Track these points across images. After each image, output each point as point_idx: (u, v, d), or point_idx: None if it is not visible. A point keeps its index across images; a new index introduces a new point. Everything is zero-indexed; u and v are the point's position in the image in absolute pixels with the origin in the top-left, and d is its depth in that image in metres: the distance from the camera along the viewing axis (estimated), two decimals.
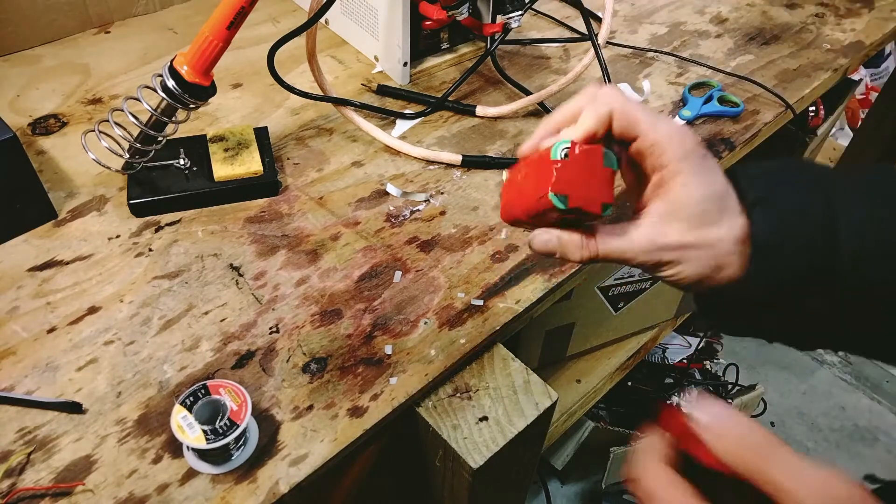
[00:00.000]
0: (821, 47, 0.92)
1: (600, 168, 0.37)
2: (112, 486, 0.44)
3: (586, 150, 0.37)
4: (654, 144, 0.37)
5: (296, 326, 0.54)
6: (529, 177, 0.38)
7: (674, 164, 0.37)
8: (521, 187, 0.39)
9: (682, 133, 0.37)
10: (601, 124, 0.38)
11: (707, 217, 0.37)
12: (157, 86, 0.58)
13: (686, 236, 0.37)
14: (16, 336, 0.52)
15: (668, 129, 0.37)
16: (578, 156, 0.37)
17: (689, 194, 0.37)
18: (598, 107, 0.38)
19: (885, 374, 1.65)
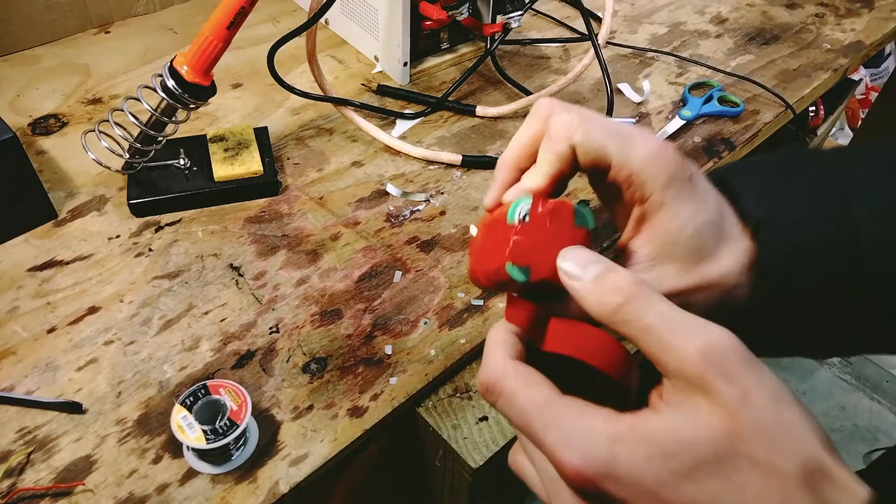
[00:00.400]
0: (821, 47, 0.92)
1: (570, 229, 0.31)
2: (112, 486, 0.44)
3: (550, 209, 0.31)
4: (631, 175, 0.31)
5: (296, 326, 0.54)
6: (488, 240, 0.33)
7: (656, 194, 0.31)
8: (483, 250, 0.33)
9: (660, 154, 0.31)
10: (563, 164, 0.32)
11: (704, 251, 0.32)
12: (157, 86, 0.58)
13: (684, 280, 0.32)
14: (16, 336, 0.52)
15: (643, 154, 0.31)
16: (540, 216, 0.31)
17: (680, 228, 0.32)
18: (554, 144, 0.32)
19: (885, 374, 1.65)
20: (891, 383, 1.64)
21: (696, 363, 0.25)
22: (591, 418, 0.26)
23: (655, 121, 0.78)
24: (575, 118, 0.32)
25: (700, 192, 0.32)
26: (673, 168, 0.31)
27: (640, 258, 0.33)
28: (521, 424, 0.28)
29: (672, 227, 0.32)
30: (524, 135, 0.34)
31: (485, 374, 0.30)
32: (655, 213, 0.32)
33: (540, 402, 0.28)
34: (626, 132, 0.32)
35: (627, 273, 0.28)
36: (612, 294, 0.27)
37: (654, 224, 0.32)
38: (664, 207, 0.31)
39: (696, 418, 0.25)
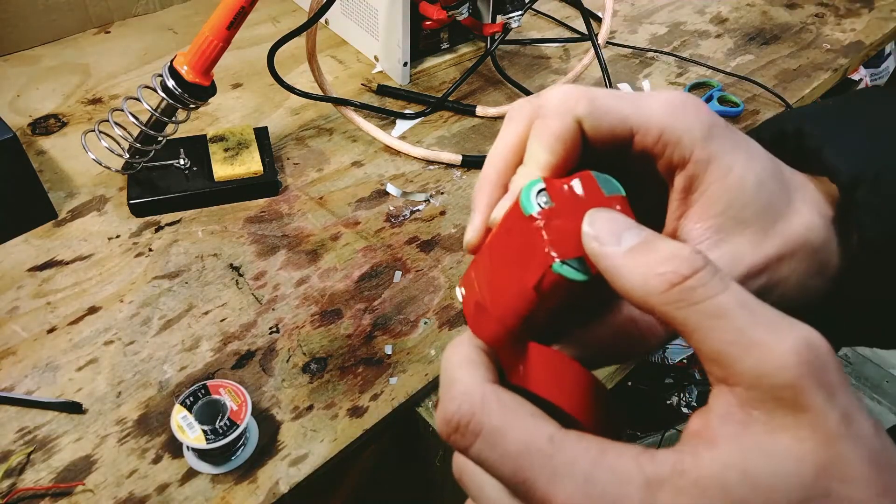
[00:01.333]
0: (821, 47, 0.92)
1: (604, 199, 0.23)
2: (112, 486, 0.44)
3: (574, 180, 0.23)
4: (662, 133, 0.24)
5: (296, 326, 0.54)
6: (499, 266, 0.24)
7: (699, 148, 0.24)
8: (492, 287, 0.24)
9: (685, 101, 0.25)
10: (566, 146, 0.25)
11: (776, 204, 0.25)
12: (157, 86, 0.58)
13: (764, 248, 0.25)
14: (16, 336, 0.52)
15: (667, 106, 0.25)
16: (566, 193, 0.23)
17: (740, 182, 0.24)
18: (551, 122, 0.25)
19: (885, 374, 1.66)
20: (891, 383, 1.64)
21: (791, 366, 0.18)
22: (619, 459, 0.19)
23: None
24: (573, 88, 0.25)
25: (744, 139, 0.26)
26: (706, 114, 0.25)
27: (699, 237, 0.25)
28: (511, 473, 0.20)
29: (730, 183, 0.25)
30: (504, 141, 0.27)
31: (453, 405, 0.21)
32: (704, 172, 0.25)
33: (541, 443, 0.20)
34: (634, 94, 0.26)
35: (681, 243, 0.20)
36: (664, 264, 0.20)
37: (706, 188, 0.25)
38: (713, 162, 0.25)
39: (775, 447, 0.18)
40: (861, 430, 0.18)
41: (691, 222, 0.25)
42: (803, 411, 0.18)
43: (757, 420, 0.19)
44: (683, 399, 1.31)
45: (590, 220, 0.21)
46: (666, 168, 0.25)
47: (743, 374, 0.18)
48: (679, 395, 1.31)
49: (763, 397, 0.18)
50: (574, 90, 0.25)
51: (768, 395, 0.18)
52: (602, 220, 0.21)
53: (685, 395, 1.31)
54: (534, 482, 0.20)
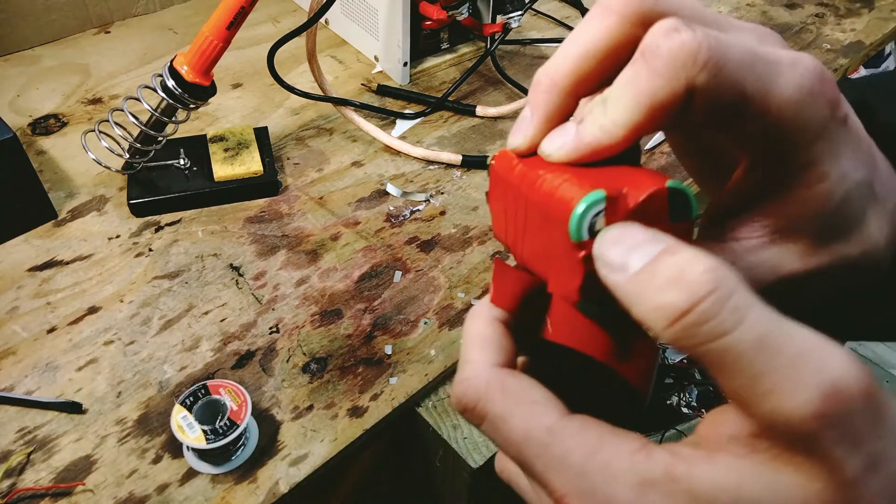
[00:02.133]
0: (821, 47, 0.92)
1: (666, 227, 0.20)
2: (112, 486, 0.44)
3: (635, 208, 0.20)
4: (775, 125, 0.21)
5: (296, 326, 0.54)
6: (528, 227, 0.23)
7: (804, 150, 0.21)
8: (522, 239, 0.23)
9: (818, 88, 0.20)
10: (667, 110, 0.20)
11: (849, 222, 0.23)
12: (157, 86, 0.58)
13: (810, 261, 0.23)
14: (16, 336, 0.52)
15: (795, 93, 0.20)
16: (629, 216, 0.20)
17: (825, 196, 0.22)
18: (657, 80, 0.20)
19: (885, 374, 1.66)
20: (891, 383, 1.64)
21: (809, 418, 0.16)
22: (613, 454, 0.19)
23: None
24: (702, 45, 0.19)
25: (853, 138, 0.22)
26: (828, 110, 0.21)
27: (752, 233, 0.23)
28: (515, 456, 0.21)
29: (815, 193, 0.22)
30: (590, 40, 0.21)
31: (461, 389, 0.22)
32: (795, 175, 0.22)
33: (540, 432, 0.20)
34: (765, 57, 0.21)
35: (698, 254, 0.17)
36: (665, 291, 0.17)
37: (787, 190, 0.22)
38: (808, 169, 0.21)
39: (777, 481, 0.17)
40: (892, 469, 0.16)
41: (753, 214, 0.23)
42: (818, 459, 0.17)
43: (765, 451, 0.17)
44: (683, 399, 1.31)
45: (599, 241, 0.19)
46: (754, 155, 0.22)
47: (757, 416, 0.17)
48: (679, 395, 1.31)
49: (776, 438, 0.17)
50: (703, 49, 0.19)
51: (782, 438, 0.17)
52: (608, 242, 0.19)
53: (685, 395, 1.31)
54: (532, 467, 0.20)
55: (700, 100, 0.20)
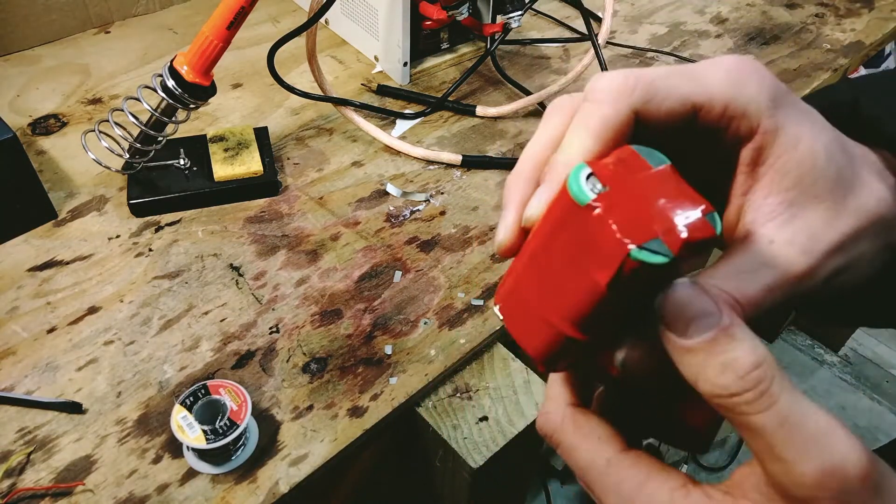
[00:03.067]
0: (821, 47, 0.92)
1: (654, 173, 0.21)
2: (112, 486, 0.44)
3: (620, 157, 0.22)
4: (727, 105, 0.23)
5: (296, 326, 0.54)
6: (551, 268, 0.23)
7: (767, 117, 0.23)
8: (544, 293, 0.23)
9: (750, 70, 0.24)
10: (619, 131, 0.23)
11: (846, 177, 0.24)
12: (157, 86, 0.58)
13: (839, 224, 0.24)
14: (16, 336, 0.52)
15: (731, 75, 0.23)
16: (615, 175, 0.21)
17: (811, 153, 0.23)
18: (604, 108, 0.23)
19: (885, 374, 1.66)
20: (891, 383, 1.64)
21: (811, 486, 0.19)
22: (657, 488, 0.23)
23: None
24: (627, 74, 0.23)
25: (808, 109, 0.25)
26: (769, 81, 0.24)
27: (770, 213, 0.24)
28: (580, 478, 0.26)
29: (800, 154, 0.23)
30: (544, 136, 0.25)
31: (542, 420, 0.27)
32: (772, 143, 0.24)
33: (600, 464, 0.24)
34: (689, 67, 0.24)
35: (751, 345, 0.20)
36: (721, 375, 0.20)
37: (774, 160, 0.24)
38: (781, 132, 0.23)
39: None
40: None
41: (761, 197, 0.24)
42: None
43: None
44: None
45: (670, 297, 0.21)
46: (732, 141, 0.24)
47: (771, 475, 0.21)
48: None
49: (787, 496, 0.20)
50: (627, 77, 0.23)
51: (791, 498, 0.20)
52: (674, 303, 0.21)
53: None
54: (592, 490, 0.25)
55: (647, 113, 0.23)
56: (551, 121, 0.26)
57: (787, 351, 1.70)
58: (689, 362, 0.21)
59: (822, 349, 1.70)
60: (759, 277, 0.23)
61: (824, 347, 1.71)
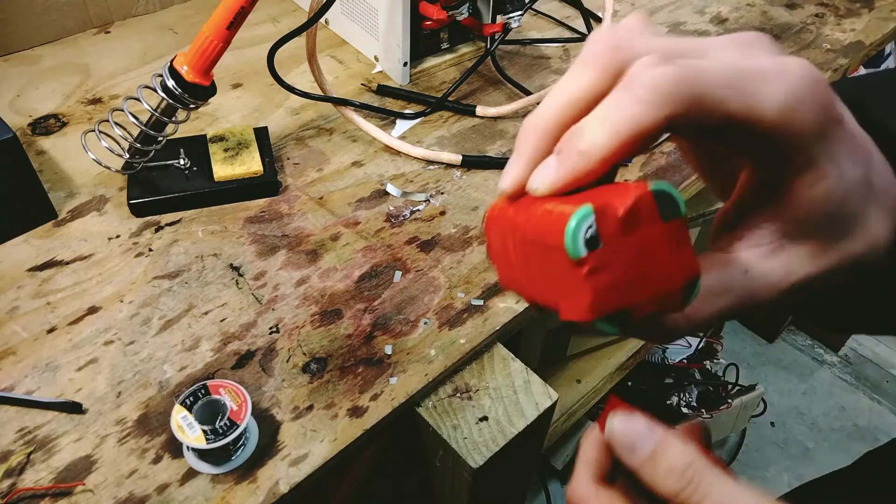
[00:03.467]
0: (821, 47, 0.92)
1: (661, 230, 0.21)
2: (112, 486, 0.44)
3: (626, 214, 0.20)
4: (769, 132, 0.21)
5: (296, 326, 0.54)
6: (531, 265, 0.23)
7: (803, 153, 0.22)
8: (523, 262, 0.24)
9: (808, 93, 0.21)
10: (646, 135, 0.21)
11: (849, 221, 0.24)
12: (157, 86, 0.58)
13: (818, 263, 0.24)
14: (16, 336, 0.52)
15: (784, 101, 0.21)
16: (617, 231, 0.20)
17: (825, 196, 0.23)
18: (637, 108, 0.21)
19: (885, 374, 1.66)
20: (891, 383, 1.64)
21: None
22: None
23: None
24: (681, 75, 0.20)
25: (850, 137, 0.23)
26: (823, 113, 0.21)
27: (760, 239, 0.24)
28: None
29: (816, 193, 0.22)
30: (575, 90, 0.23)
31: (569, 492, 0.30)
32: (794, 177, 0.22)
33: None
34: (748, 71, 0.21)
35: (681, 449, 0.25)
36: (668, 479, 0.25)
37: (788, 192, 0.23)
38: (808, 169, 0.22)
39: None
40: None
41: (759, 219, 0.24)
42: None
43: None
44: (683, 399, 1.31)
45: (609, 428, 0.26)
46: (756, 161, 0.23)
47: None
48: (679, 395, 1.31)
49: None
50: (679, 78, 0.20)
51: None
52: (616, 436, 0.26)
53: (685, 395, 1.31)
54: None
55: (683, 126, 0.21)
56: (585, 74, 0.23)
57: (787, 351, 1.70)
58: (643, 474, 0.25)
59: (822, 349, 1.70)
60: (719, 301, 0.24)
61: (824, 347, 1.71)
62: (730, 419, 1.35)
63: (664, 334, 0.25)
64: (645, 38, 0.23)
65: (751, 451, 1.48)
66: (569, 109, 0.23)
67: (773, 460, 1.46)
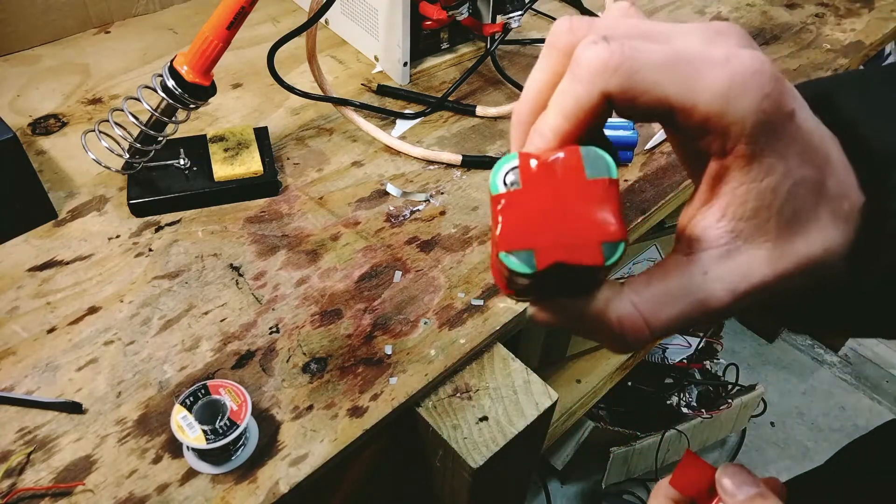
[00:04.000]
0: (821, 47, 0.92)
1: (583, 183, 0.22)
2: (112, 486, 0.44)
3: (547, 162, 0.22)
4: (707, 119, 0.22)
5: (296, 326, 0.54)
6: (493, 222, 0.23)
7: (744, 144, 0.22)
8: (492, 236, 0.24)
9: (747, 83, 0.21)
10: (589, 113, 0.22)
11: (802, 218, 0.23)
12: (157, 86, 0.58)
13: (777, 266, 0.24)
14: (16, 336, 0.52)
15: (720, 88, 0.21)
16: (535, 175, 0.22)
17: (772, 190, 0.23)
18: (578, 87, 0.22)
19: (885, 374, 1.65)
20: (891, 383, 1.64)
21: None
22: None
23: None
24: (613, 52, 0.21)
25: (803, 134, 0.23)
26: (768, 103, 0.21)
27: (714, 239, 0.24)
28: None
29: (761, 189, 0.23)
30: (540, 77, 0.25)
31: None
32: (740, 169, 0.23)
33: None
34: (688, 56, 0.22)
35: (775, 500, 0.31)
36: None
37: (736, 185, 0.23)
38: (753, 161, 0.22)
39: None
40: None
41: (713, 217, 0.24)
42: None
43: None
44: (683, 399, 1.31)
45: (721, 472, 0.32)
46: (704, 149, 0.23)
47: None
48: (679, 395, 1.31)
49: None
50: (612, 55, 0.21)
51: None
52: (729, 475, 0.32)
53: (685, 395, 1.31)
54: None
55: (621, 102, 0.22)
56: (546, 60, 0.25)
57: (788, 351, 1.70)
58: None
59: (822, 349, 1.70)
60: (677, 304, 0.24)
61: (824, 347, 1.71)
62: (730, 419, 1.35)
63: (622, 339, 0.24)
64: (603, 21, 0.24)
65: (751, 451, 1.48)
66: (538, 96, 0.25)
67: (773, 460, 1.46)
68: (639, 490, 1.37)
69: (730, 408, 1.30)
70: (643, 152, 0.73)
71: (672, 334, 0.23)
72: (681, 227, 0.25)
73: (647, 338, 0.24)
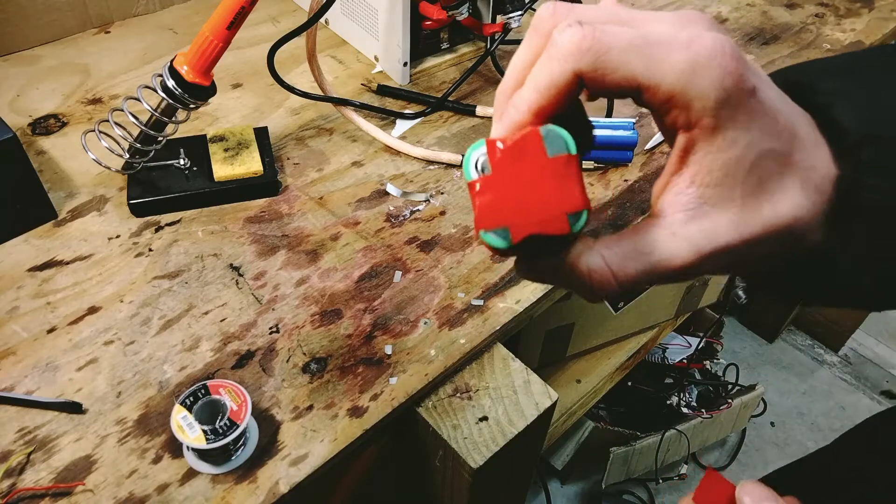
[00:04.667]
0: (821, 47, 0.92)
1: (546, 162, 0.24)
2: (112, 486, 0.44)
3: (511, 146, 0.25)
4: (672, 97, 0.24)
5: (296, 326, 0.54)
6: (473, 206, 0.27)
7: (707, 117, 0.24)
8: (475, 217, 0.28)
9: (708, 62, 0.23)
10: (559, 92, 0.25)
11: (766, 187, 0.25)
12: (157, 86, 0.58)
13: (743, 229, 0.25)
14: (16, 336, 0.52)
15: (682, 67, 0.23)
16: (502, 160, 0.25)
17: (736, 160, 0.24)
18: (552, 65, 0.24)
19: (885, 374, 1.66)
20: (891, 383, 1.64)
21: None
22: None
23: None
24: (585, 35, 0.24)
25: (767, 110, 0.25)
26: (729, 80, 0.23)
27: (683, 204, 0.25)
28: None
29: (728, 157, 0.24)
30: (523, 57, 0.27)
31: None
32: (706, 140, 0.24)
33: None
34: (655, 39, 0.24)
35: None
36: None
37: (703, 155, 0.25)
38: (717, 133, 0.24)
39: None
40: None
41: (682, 184, 0.26)
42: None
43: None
44: (683, 399, 1.31)
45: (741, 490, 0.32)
46: (671, 123, 0.25)
47: None
48: (679, 395, 1.31)
49: None
50: (584, 38, 0.24)
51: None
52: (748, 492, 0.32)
53: (685, 395, 1.31)
54: None
55: (591, 82, 0.24)
56: (530, 41, 0.27)
57: (787, 351, 1.70)
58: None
59: (822, 349, 1.70)
60: (643, 260, 0.26)
61: (824, 347, 1.71)
62: (730, 419, 1.35)
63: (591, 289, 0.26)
64: (583, 7, 0.26)
65: (751, 451, 1.48)
66: (519, 74, 0.27)
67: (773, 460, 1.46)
68: (639, 490, 1.37)
69: (730, 408, 1.30)
70: (643, 152, 0.73)
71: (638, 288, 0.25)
72: (654, 195, 0.27)
73: (614, 289, 0.26)
